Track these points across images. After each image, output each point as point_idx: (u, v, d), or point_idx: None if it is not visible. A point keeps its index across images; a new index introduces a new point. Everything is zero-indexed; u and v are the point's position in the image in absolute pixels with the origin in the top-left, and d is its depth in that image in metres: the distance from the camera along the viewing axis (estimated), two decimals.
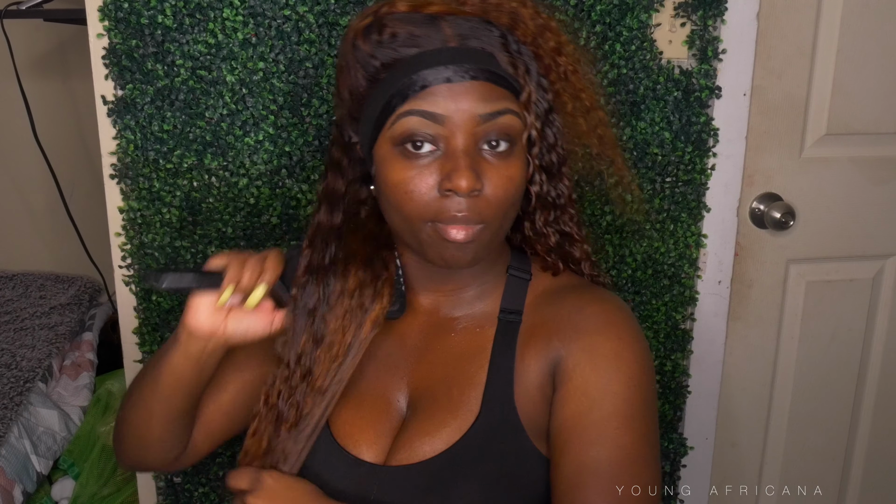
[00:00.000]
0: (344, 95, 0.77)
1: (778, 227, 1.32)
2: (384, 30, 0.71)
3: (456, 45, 0.71)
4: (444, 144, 0.70)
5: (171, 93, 1.08)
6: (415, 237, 0.73)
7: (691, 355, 1.34)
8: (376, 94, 0.72)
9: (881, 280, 1.44)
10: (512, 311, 0.81)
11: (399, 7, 0.71)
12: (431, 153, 0.70)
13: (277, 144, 1.12)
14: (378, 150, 0.73)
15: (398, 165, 0.71)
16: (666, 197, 1.24)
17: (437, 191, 0.70)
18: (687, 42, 1.19)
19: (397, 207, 0.72)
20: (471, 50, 0.71)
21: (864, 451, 1.53)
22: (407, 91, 0.70)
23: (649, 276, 1.27)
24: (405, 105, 0.70)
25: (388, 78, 0.71)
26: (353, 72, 0.74)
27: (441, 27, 0.71)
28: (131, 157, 1.10)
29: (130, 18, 1.05)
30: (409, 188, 0.70)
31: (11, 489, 1.51)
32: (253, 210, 1.14)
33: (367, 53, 0.72)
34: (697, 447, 1.38)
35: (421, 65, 0.69)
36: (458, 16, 0.72)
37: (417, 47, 0.71)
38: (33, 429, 1.66)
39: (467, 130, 0.70)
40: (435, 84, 0.69)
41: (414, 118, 0.69)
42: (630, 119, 1.19)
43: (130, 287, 1.16)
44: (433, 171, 0.70)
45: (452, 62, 0.70)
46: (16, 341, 1.88)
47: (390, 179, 0.71)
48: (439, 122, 0.70)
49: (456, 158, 0.69)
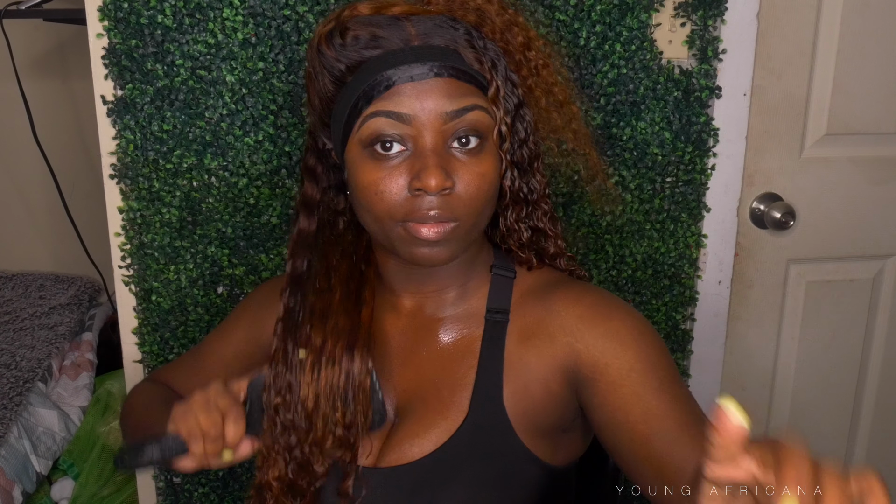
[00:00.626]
0: (314, 102, 0.77)
1: (778, 227, 1.32)
2: (347, 33, 0.71)
3: (419, 44, 0.70)
4: (413, 144, 0.70)
5: (171, 93, 1.08)
6: (387, 237, 0.73)
7: (691, 355, 1.34)
8: (343, 98, 0.72)
9: (881, 280, 1.44)
10: (498, 311, 0.80)
11: (361, 10, 0.71)
12: (400, 153, 0.70)
13: (277, 144, 1.11)
14: (348, 153, 0.73)
15: (368, 167, 0.71)
16: (666, 197, 1.24)
17: (408, 190, 0.70)
18: (687, 42, 1.19)
19: (368, 208, 0.72)
20: (434, 47, 0.70)
21: (865, 451, 1.53)
22: (372, 92, 0.69)
23: (649, 276, 1.27)
24: (371, 106, 0.69)
25: (354, 81, 0.71)
26: (320, 77, 0.74)
27: (404, 27, 0.70)
28: (131, 157, 1.10)
29: (130, 18, 1.05)
30: (380, 189, 0.70)
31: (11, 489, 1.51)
32: (253, 210, 1.14)
33: (332, 58, 0.72)
34: None
35: (384, 65, 0.69)
36: (421, 15, 0.71)
37: (381, 48, 0.70)
38: (33, 429, 1.66)
39: (434, 128, 0.69)
40: (399, 83, 0.68)
41: (380, 119, 0.69)
42: (630, 119, 1.19)
43: (130, 287, 1.16)
44: (403, 171, 0.70)
45: (416, 60, 0.69)
46: (15, 341, 1.88)
47: (360, 181, 0.71)
48: (406, 122, 0.69)
49: (424, 157, 0.69)
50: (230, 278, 1.16)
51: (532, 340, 0.78)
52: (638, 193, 1.23)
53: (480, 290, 0.82)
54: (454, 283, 0.82)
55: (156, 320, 1.17)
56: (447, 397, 0.78)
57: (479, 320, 0.81)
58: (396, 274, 0.81)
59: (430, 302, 0.82)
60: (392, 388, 0.82)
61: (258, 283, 1.17)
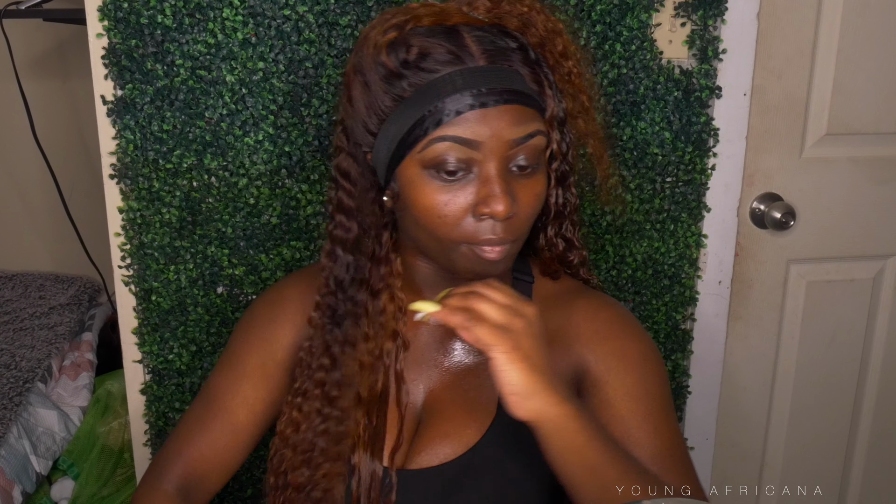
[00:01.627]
0: (358, 107, 0.75)
1: (778, 227, 1.32)
2: (411, 48, 0.69)
3: (484, 65, 0.69)
4: (478, 168, 0.70)
5: (171, 93, 1.08)
6: (444, 254, 0.74)
7: (691, 355, 1.34)
8: (402, 114, 0.70)
9: (882, 280, 1.44)
10: None
11: (423, 21, 0.70)
12: (464, 177, 0.70)
13: (277, 144, 1.11)
14: (405, 170, 0.72)
15: (429, 189, 0.70)
16: (666, 197, 1.24)
17: (472, 214, 0.71)
18: (687, 42, 1.19)
19: (429, 229, 0.72)
20: (500, 70, 0.70)
21: (865, 451, 1.53)
22: (440, 116, 0.68)
23: (649, 276, 1.27)
24: (438, 130, 0.69)
25: (417, 99, 0.69)
26: (375, 87, 0.72)
27: (466, 43, 0.70)
28: (131, 157, 1.10)
29: (130, 18, 1.05)
30: (444, 212, 0.70)
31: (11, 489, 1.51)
32: (253, 210, 1.14)
33: (393, 72, 0.70)
34: (697, 447, 1.38)
35: (453, 89, 0.68)
36: (475, 25, 0.71)
37: (446, 67, 0.69)
38: (33, 429, 1.66)
39: (500, 154, 0.70)
40: (470, 111, 0.68)
41: (448, 144, 0.69)
42: (630, 119, 1.19)
43: (130, 287, 1.16)
44: (466, 194, 0.70)
45: (484, 84, 0.68)
46: (15, 341, 1.87)
47: (421, 202, 0.71)
48: (473, 148, 0.69)
49: (491, 184, 0.69)
50: (230, 278, 1.16)
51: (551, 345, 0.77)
52: (638, 193, 1.23)
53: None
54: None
55: (156, 320, 1.17)
56: (474, 398, 0.80)
57: None
58: (428, 279, 0.82)
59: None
60: (421, 388, 0.83)
61: (258, 283, 1.16)
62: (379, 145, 0.74)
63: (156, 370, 1.19)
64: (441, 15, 0.71)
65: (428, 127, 0.69)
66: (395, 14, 0.72)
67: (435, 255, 0.76)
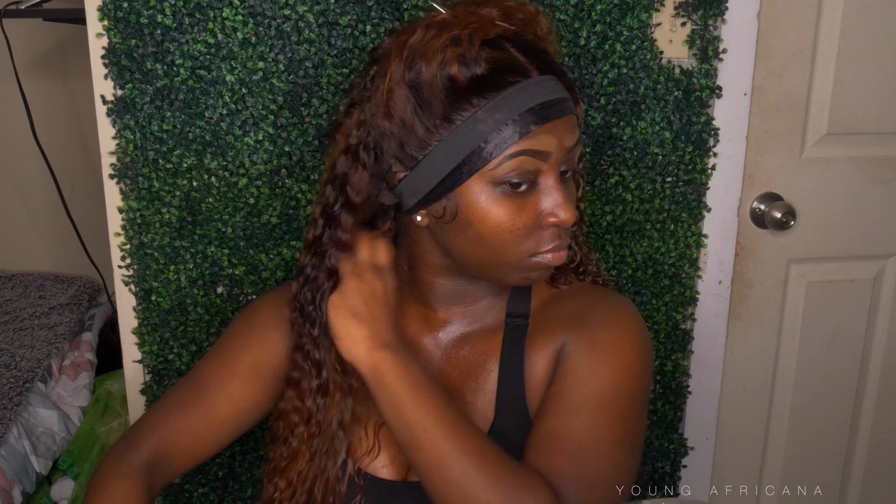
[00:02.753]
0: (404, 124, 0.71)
1: (778, 226, 1.32)
2: (480, 63, 0.69)
3: (539, 77, 0.70)
4: (541, 179, 0.71)
5: (171, 92, 1.08)
6: (501, 268, 0.74)
7: (692, 355, 1.34)
8: (471, 131, 0.69)
9: (882, 280, 1.44)
10: (518, 315, 0.81)
11: (478, 34, 0.69)
12: (529, 189, 0.71)
13: (277, 144, 1.11)
14: (469, 187, 0.70)
15: (500, 205, 0.70)
16: (666, 197, 1.24)
17: (537, 224, 0.72)
18: (687, 42, 1.19)
19: (496, 246, 0.72)
20: (551, 81, 0.71)
21: (865, 451, 1.53)
22: (517, 132, 0.68)
23: (649, 276, 1.27)
24: (515, 146, 0.69)
25: (488, 116, 0.68)
26: (435, 103, 0.69)
27: (514, 55, 0.70)
28: (131, 156, 1.10)
29: (130, 18, 1.05)
30: (515, 226, 0.71)
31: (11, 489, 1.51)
32: (253, 210, 1.14)
33: (464, 86, 0.69)
34: (698, 447, 1.38)
35: (523, 103, 0.68)
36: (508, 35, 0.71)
37: (512, 82, 0.69)
38: (32, 429, 1.66)
39: (559, 163, 0.71)
40: (543, 123, 0.69)
41: (522, 158, 0.69)
42: (630, 119, 1.19)
43: (130, 287, 1.16)
44: (531, 205, 0.71)
45: (547, 96, 0.70)
46: (15, 341, 1.87)
47: (491, 220, 0.71)
48: (543, 160, 0.70)
49: (556, 193, 0.71)
50: (230, 278, 1.16)
51: (540, 337, 0.79)
52: (638, 193, 1.23)
53: (504, 297, 0.83)
54: (489, 293, 0.82)
55: (156, 320, 1.17)
56: (471, 403, 0.79)
57: (500, 325, 0.82)
58: (443, 291, 0.81)
59: (463, 312, 0.83)
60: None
61: (258, 283, 1.16)
62: (428, 164, 0.71)
63: (156, 370, 1.19)
64: (486, 27, 0.70)
65: (505, 142, 0.68)
66: (441, 26, 0.70)
67: (487, 269, 0.75)
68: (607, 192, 1.22)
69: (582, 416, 0.73)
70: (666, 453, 1.35)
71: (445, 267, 0.79)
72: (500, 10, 0.73)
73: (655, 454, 1.35)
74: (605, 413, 0.74)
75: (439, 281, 0.80)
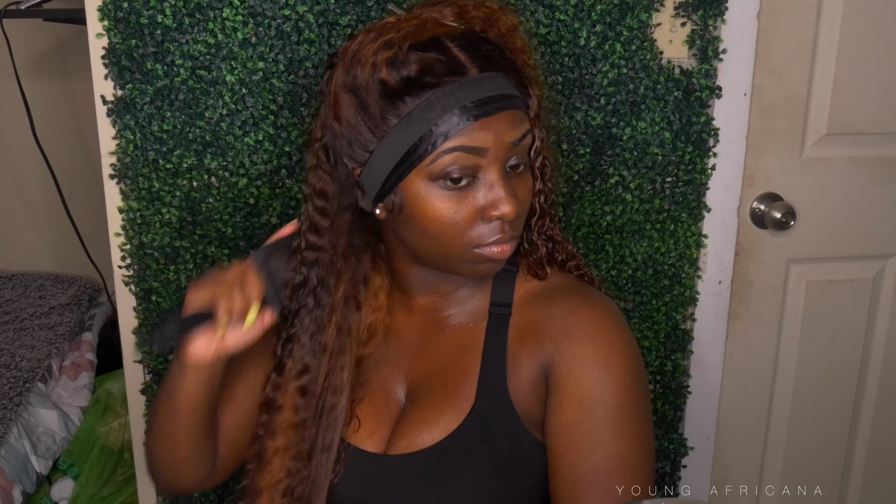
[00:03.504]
0: (350, 124, 0.75)
1: (778, 227, 1.32)
2: (410, 65, 0.71)
3: (478, 74, 0.72)
4: (482, 174, 0.73)
5: (171, 93, 1.08)
6: (449, 260, 0.76)
7: (692, 355, 1.34)
8: (406, 129, 0.72)
9: (882, 280, 1.44)
10: (501, 304, 0.84)
11: (413, 36, 0.72)
12: (469, 183, 0.73)
13: (277, 144, 1.11)
14: (411, 183, 0.73)
15: (439, 198, 0.73)
16: (666, 197, 1.24)
17: (480, 218, 0.74)
18: (687, 42, 1.19)
19: (437, 237, 0.74)
20: (492, 77, 0.73)
21: (865, 451, 1.53)
22: (447, 130, 0.70)
23: (649, 276, 1.27)
24: (447, 143, 0.71)
25: (421, 114, 0.71)
26: (373, 105, 0.73)
27: (454, 54, 0.72)
28: (131, 157, 1.10)
29: (130, 18, 1.05)
30: (455, 219, 0.73)
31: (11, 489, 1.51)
32: (253, 210, 1.14)
33: (395, 89, 0.71)
34: (698, 447, 1.38)
35: (456, 101, 0.70)
36: (454, 34, 0.73)
37: (445, 81, 0.71)
38: (33, 429, 1.66)
39: (501, 158, 0.73)
40: (475, 121, 0.71)
41: (456, 154, 0.71)
42: (630, 119, 1.19)
43: (130, 287, 1.16)
44: (473, 200, 0.73)
45: (483, 93, 0.71)
46: (15, 341, 1.87)
47: (431, 213, 0.73)
48: (480, 155, 0.72)
49: (497, 187, 0.73)
50: None
51: (526, 340, 0.80)
52: (638, 193, 1.23)
53: (486, 286, 0.85)
54: (465, 283, 0.85)
55: (156, 320, 1.17)
56: (452, 386, 0.81)
57: (483, 314, 0.84)
58: (417, 279, 0.84)
59: (441, 301, 0.85)
60: (404, 377, 0.85)
61: None
62: (375, 161, 0.74)
63: (156, 370, 1.19)
64: (424, 28, 0.72)
65: (436, 140, 0.71)
66: (379, 31, 0.73)
67: (438, 261, 0.78)
68: (607, 192, 1.22)
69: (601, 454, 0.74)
70: (666, 453, 1.35)
71: (409, 258, 0.82)
72: (455, 9, 0.75)
73: (655, 454, 1.35)
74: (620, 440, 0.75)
75: (412, 270, 0.83)
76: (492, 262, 0.76)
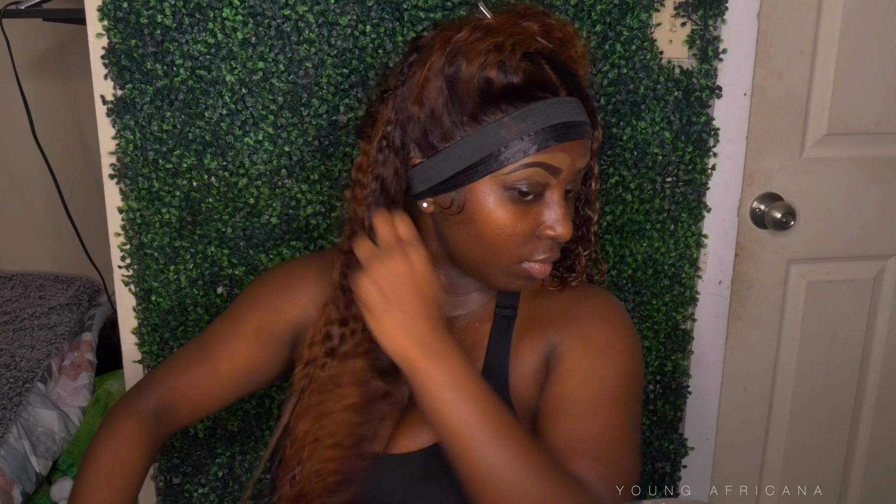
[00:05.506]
0: (432, 112, 0.74)
1: (778, 227, 1.32)
2: (518, 73, 0.72)
3: (566, 97, 0.74)
4: (548, 192, 0.75)
5: (171, 93, 1.08)
6: (490, 267, 0.77)
7: (692, 356, 1.34)
8: (495, 133, 0.72)
9: (882, 280, 1.44)
10: (507, 306, 0.85)
11: (522, 45, 0.72)
12: (535, 199, 0.75)
13: (277, 144, 1.11)
14: (481, 185, 0.74)
15: (506, 207, 0.74)
16: (666, 197, 1.24)
17: (535, 234, 0.75)
18: (687, 42, 1.19)
19: (492, 245, 0.75)
20: (575, 103, 0.75)
21: (865, 451, 1.53)
22: (537, 143, 0.72)
23: (649, 276, 1.27)
24: (533, 157, 0.72)
25: (515, 123, 0.72)
26: (466, 99, 0.73)
27: (548, 72, 0.73)
28: (131, 156, 1.10)
29: (130, 18, 1.05)
30: (516, 231, 0.74)
31: (10, 490, 1.51)
32: (253, 210, 1.14)
33: (497, 91, 0.72)
34: (698, 447, 1.38)
35: (547, 119, 0.72)
36: (545, 52, 0.74)
37: (542, 96, 0.72)
38: (32, 429, 1.66)
39: (567, 181, 0.75)
40: (562, 141, 0.73)
41: (536, 169, 0.73)
42: (630, 119, 1.19)
43: (130, 287, 1.16)
44: (534, 215, 0.75)
45: (570, 117, 0.73)
46: (15, 341, 1.87)
47: (494, 219, 0.74)
48: (555, 175, 0.74)
49: (559, 208, 0.75)
50: (230, 278, 1.16)
51: (530, 331, 0.83)
52: (638, 193, 1.23)
53: (493, 292, 0.86)
54: (478, 288, 0.86)
55: (155, 320, 1.17)
56: None
57: (489, 315, 0.85)
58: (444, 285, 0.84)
59: (454, 302, 0.86)
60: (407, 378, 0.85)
61: None
62: (446, 155, 0.74)
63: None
64: (530, 40, 0.73)
65: (523, 151, 0.72)
66: (486, 30, 0.73)
67: (479, 266, 0.78)
68: (607, 192, 1.22)
69: (594, 419, 0.75)
70: (666, 453, 1.35)
71: (441, 256, 0.82)
72: (541, 26, 0.76)
73: (655, 454, 1.35)
74: (614, 414, 0.76)
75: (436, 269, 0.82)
76: (528, 280, 0.78)
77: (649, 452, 1.35)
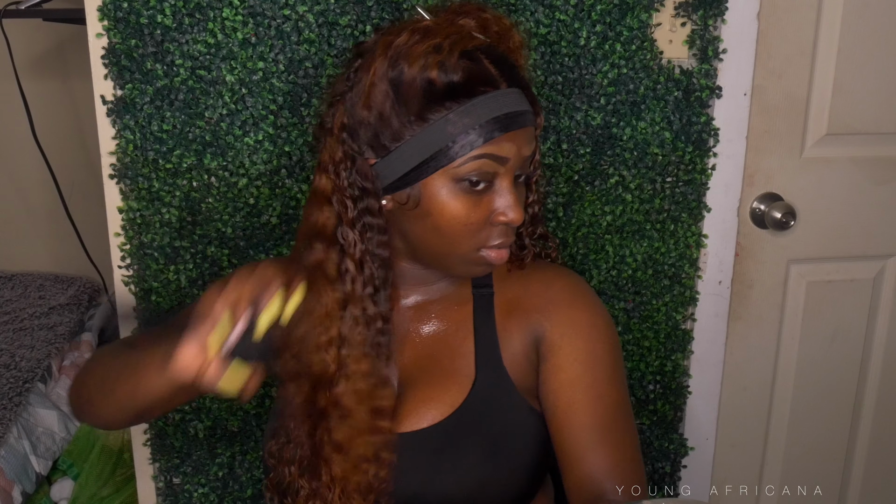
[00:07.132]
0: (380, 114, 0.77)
1: (778, 227, 1.32)
2: (457, 71, 0.75)
3: (507, 89, 0.77)
4: (497, 181, 0.78)
5: (171, 93, 1.08)
6: (450, 258, 0.81)
7: (692, 356, 1.34)
8: (441, 130, 0.75)
9: (882, 280, 1.44)
10: (483, 286, 0.89)
11: (461, 44, 0.75)
12: (486, 189, 0.78)
13: (277, 144, 1.11)
14: (433, 180, 0.77)
15: (458, 199, 0.77)
16: (666, 197, 1.24)
17: (488, 221, 0.78)
18: (687, 42, 1.19)
19: (449, 235, 0.78)
20: (517, 93, 0.78)
21: (865, 451, 1.53)
22: (482, 136, 0.75)
23: (649, 276, 1.27)
24: (479, 149, 0.75)
25: (459, 119, 0.75)
26: (411, 101, 0.75)
27: (487, 66, 0.76)
28: (131, 157, 1.10)
29: (130, 18, 1.05)
30: (470, 220, 0.78)
31: (10, 490, 1.51)
32: (252, 210, 1.14)
33: (439, 90, 0.75)
34: (698, 447, 1.38)
35: (489, 112, 0.75)
36: (482, 47, 0.77)
37: (483, 91, 0.75)
38: (32, 429, 1.66)
39: (515, 168, 0.79)
40: (506, 132, 0.76)
41: (484, 160, 0.76)
42: (630, 119, 1.19)
43: (129, 287, 1.16)
44: (486, 204, 0.78)
45: (512, 107, 0.76)
46: (15, 342, 1.87)
47: (449, 211, 0.77)
48: (503, 164, 0.77)
49: (509, 195, 0.78)
50: None
51: (514, 314, 0.87)
52: (638, 193, 1.23)
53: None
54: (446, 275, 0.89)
55: (156, 320, 1.17)
56: (449, 365, 0.86)
57: (467, 296, 0.89)
58: (405, 273, 0.88)
59: (425, 290, 0.89)
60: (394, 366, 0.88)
61: None
62: (399, 154, 0.77)
63: None
64: (467, 38, 0.77)
65: (470, 145, 0.75)
66: (424, 32, 0.76)
67: (437, 258, 0.81)
68: (607, 192, 1.22)
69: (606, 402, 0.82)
70: (666, 453, 1.35)
71: (403, 251, 0.85)
72: (477, 22, 0.80)
73: (655, 454, 1.35)
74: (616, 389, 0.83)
75: (402, 263, 0.86)
76: (487, 266, 0.81)
77: (649, 452, 1.35)
